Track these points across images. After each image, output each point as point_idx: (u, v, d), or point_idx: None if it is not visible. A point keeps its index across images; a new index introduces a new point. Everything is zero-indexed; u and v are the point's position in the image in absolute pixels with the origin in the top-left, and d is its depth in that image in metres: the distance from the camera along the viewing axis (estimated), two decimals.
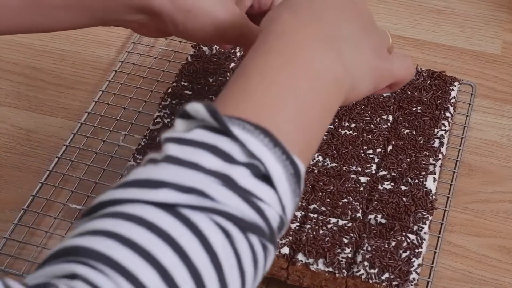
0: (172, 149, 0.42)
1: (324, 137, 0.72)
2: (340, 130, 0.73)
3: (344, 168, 0.69)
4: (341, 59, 0.50)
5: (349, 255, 0.63)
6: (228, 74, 0.78)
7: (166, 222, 0.39)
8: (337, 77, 0.49)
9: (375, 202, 0.67)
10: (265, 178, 0.43)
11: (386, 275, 0.62)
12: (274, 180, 0.42)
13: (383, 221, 0.66)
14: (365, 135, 0.72)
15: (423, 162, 0.70)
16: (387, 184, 0.69)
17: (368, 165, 0.70)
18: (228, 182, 0.41)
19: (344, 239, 0.64)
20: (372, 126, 0.73)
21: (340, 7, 0.54)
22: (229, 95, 0.46)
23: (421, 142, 0.72)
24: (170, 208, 0.40)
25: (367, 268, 0.62)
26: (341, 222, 0.65)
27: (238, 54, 0.80)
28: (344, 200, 0.67)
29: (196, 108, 0.43)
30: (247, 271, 0.41)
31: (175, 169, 0.41)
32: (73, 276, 0.38)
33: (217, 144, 0.42)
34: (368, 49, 0.53)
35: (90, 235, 0.39)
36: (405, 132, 0.73)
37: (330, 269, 0.62)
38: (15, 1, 0.60)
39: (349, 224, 0.65)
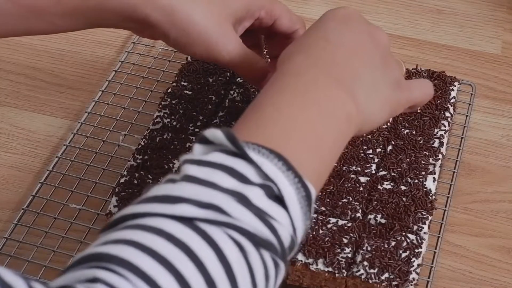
0: (191, 169, 0.45)
1: None
2: None
3: (343, 168, 0.69)
4: (354, 99, 0.53)
5: (349, 255, 0.63)
6: (228, 74, 0.78)
7: (184, 234, 0.41)
8: (349, 114, 0.52)
9: (375, 202, 0.67)
10: (278, 200, 0.45)
11: (386, 275, 0.62)
12: (286, 201, 0.45)
13: (383, 221, 0.66)
14: (364, 135, 0.72)
15: (423, 162, 0.70)
16: (387, 184, 0.69)
17: (367, 165, 0.70)
18: (243, 200, 0.43)
19: (344, 239, 0.64)
20: None
21: (356, 47, 0.56)
22: (245, 125, 0.49)
23: (421, 142, 0.72)
24: (188, 221, 0.42)
25: (366, 268, 0.62)
26: (340, 222, 0.65)
27: None
28: (344, 200, 0.67)
29: (215, 133, 0.46)
30: (259, 285, 0.43)
31: (193, 187, 0.43)
32: (95, 280, 0.39)
33: (234, 166, 0.44)
34: (384, 84, 0.56)
35: (112, 244, 0.41)
36: (405, 132, 0.73)
37: (330, 269, 0.62)
38: (11, 9, 0.60)
39: (349, 224, 0.65)
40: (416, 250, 0.63)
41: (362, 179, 0.69)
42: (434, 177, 0.69)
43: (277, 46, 0.68)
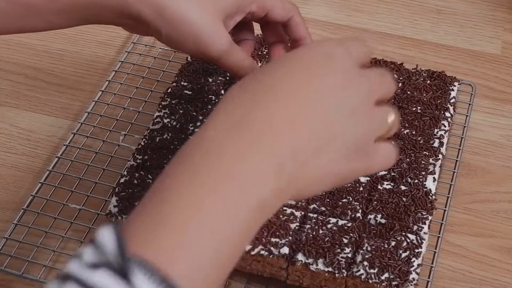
0: None
1: None
2: None
3: None
4: (281, 172, 0.46)
5: (349, 255, 0.63)
6: (228, 74, 0.78)
7: None
8: (264, 201, 0.45)
9: (375, 202, 0.67)
10: None
11: (386, 275, 0.62)
12: None
13: (383, 221, 0.66)
14: None
15: (423, 162, 0.70)
16: (387, 184, 0.69)
17: None
18: None
19: (344, 239, 0.64)
20: None
21: (319, 90, 0.48)
22: (144, 220, 0.43)
23: (421, 142, 0.72)
24: None
25: (366, 268, 0.62)
26: (340, 222, 0.65)
27: None
28: (344, 200, 0.67)
29: (105, 242, 0.40)
30: None
31: None
32: None
33: None
34: (335, 151, 0.48)
35: None
36: (405, 132, 0.73)
37: (330, 269, 0.62)
38: (5, 8, 0.60)
39: (349, 224, 0.65)
40: (416, 250, 0.63)
41: (362, 179, 0.69)
42: (434, 177, 0.70)
43: (273, 33, 0.68)
